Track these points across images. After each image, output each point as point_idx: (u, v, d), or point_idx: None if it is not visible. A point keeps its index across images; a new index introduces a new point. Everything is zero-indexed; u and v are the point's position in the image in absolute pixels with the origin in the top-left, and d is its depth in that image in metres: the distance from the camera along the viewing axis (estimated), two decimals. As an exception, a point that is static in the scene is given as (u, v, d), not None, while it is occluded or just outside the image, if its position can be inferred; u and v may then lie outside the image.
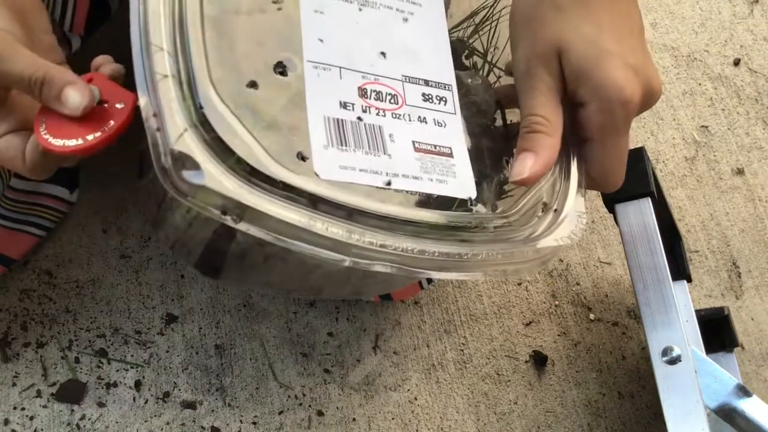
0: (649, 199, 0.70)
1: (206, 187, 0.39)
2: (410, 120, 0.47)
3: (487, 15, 0.58)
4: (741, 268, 0.87)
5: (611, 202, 0.71)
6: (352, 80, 0.46)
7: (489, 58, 0.57)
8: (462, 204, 0.47)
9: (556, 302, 0.82)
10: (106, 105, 0.44)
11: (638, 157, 0.72)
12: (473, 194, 0.47)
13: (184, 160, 0.39)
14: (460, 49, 0.56)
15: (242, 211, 0.40)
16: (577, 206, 0.50)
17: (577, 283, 0.83)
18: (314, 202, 0.42)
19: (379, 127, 0.46)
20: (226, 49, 0.44)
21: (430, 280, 0.76)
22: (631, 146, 0.80)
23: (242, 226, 0.40)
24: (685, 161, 0.92)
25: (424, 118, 0.48)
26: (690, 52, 0.99)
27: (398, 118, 0.47)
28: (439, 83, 0.50)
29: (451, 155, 0.48)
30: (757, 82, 0.98)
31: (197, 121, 0.40)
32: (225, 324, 0.74)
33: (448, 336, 0.78)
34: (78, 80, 0.43)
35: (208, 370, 0.72)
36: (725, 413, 0.65)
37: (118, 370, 0.70)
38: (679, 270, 0.75)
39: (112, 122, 0.43)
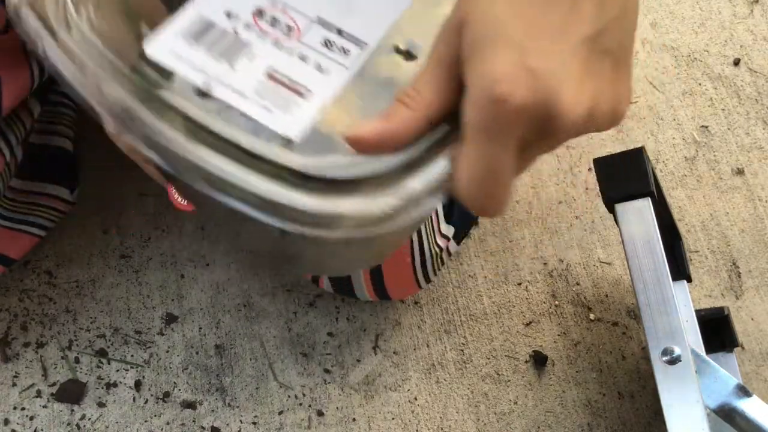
0: (649, 199, 0.70)
1: None
2: (290, 54, 0.44)
3: None
4: (741, 268, 0.86)
5: (611, 202, 0.71)
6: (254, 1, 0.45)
7: None
8: (275, 138, 0.43)
9: (556, 302, 0.82)
10: None
11: (638, 157, 0.72)
12: (296, 138, 0.42)
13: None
14: None
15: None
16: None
17: (577, 283, 0.83)
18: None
19: (247, 44, 0.44)
20: None
21: (429, 279, 0.76)
22: (631, 146, 0.80)
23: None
24: (685, 161, 0.92)
25: (307, 56, 0.45)
26: (690, 52, 0.99)
27: (277, 47, 0.44)
28: (354, 37, 0.46)
29: (302, 96, 0.43)
30: (757, 82, 0.98)
31: None
32: (225, 324, 0.74)
33: (448, 336, 0.78)
34: None
35: (208, 370, 0.72)
36: (725, 413, 0.65)
37: (118, 370, 0.70)
38: (679, 270, 0.75)
39: None
